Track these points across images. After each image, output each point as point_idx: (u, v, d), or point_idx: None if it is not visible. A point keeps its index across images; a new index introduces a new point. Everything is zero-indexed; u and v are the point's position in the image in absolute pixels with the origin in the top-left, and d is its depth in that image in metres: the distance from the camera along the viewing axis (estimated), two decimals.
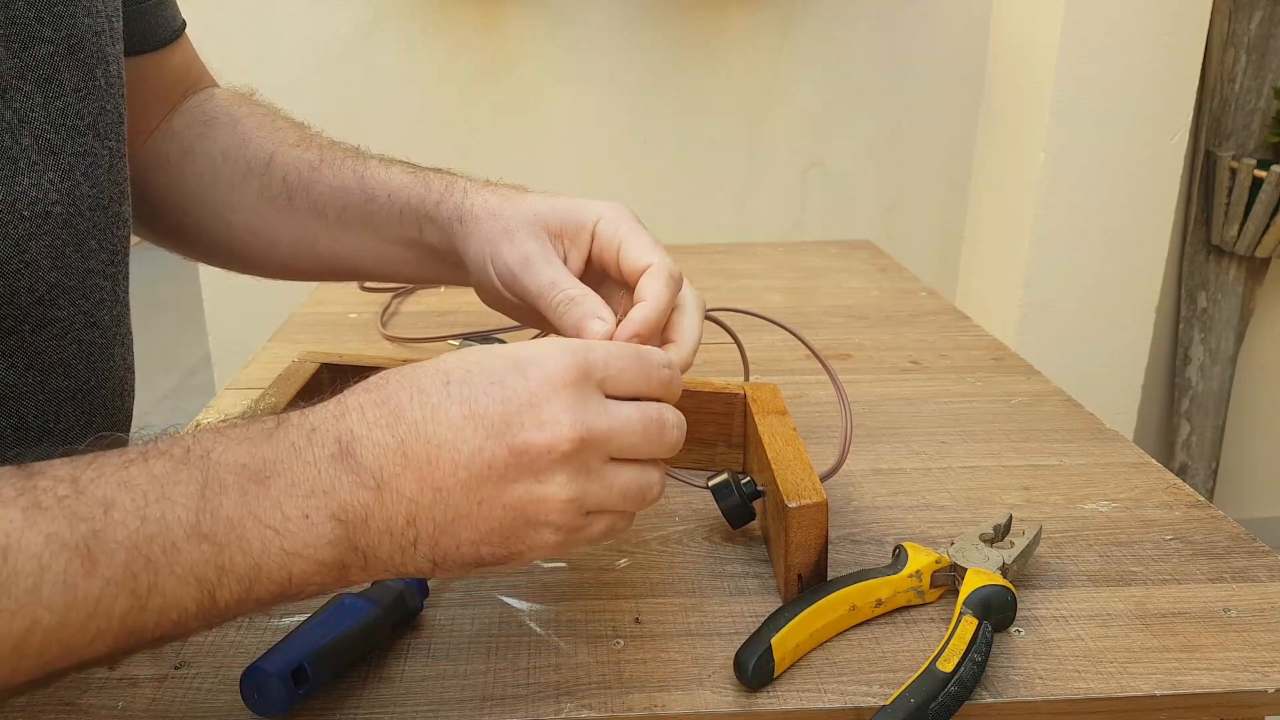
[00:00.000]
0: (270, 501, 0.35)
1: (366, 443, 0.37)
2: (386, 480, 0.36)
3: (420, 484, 0.36)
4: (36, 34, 0.44)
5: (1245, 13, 1.73)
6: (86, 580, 0.31)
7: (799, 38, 1.68)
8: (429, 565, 0.38)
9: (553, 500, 0.38)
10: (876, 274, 1.15)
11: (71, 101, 0.46)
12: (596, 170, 1.72)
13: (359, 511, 0.36)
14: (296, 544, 0.35)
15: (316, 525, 0.35)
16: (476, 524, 0.37)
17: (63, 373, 0.46)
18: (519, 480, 0.37)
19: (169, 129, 0.64)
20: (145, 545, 0.32)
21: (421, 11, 1.61)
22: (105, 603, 0.31)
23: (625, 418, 0.40)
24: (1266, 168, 1.70)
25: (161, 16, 0.61)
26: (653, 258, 0.51)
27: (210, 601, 0.34)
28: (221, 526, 0.34)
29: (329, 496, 0.35)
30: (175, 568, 0.33)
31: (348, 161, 0.60)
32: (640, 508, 0.41)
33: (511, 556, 0.39)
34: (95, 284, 0.48)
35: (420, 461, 0.37)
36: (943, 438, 0.71)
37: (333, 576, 0.36)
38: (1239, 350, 1.94)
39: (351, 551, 0.36)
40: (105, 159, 0.48)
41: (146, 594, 0.32)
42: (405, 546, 0.37)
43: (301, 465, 0.36)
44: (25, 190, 0.43)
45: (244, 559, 0.34)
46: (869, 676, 0.45)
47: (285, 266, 0.63)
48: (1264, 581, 0.53)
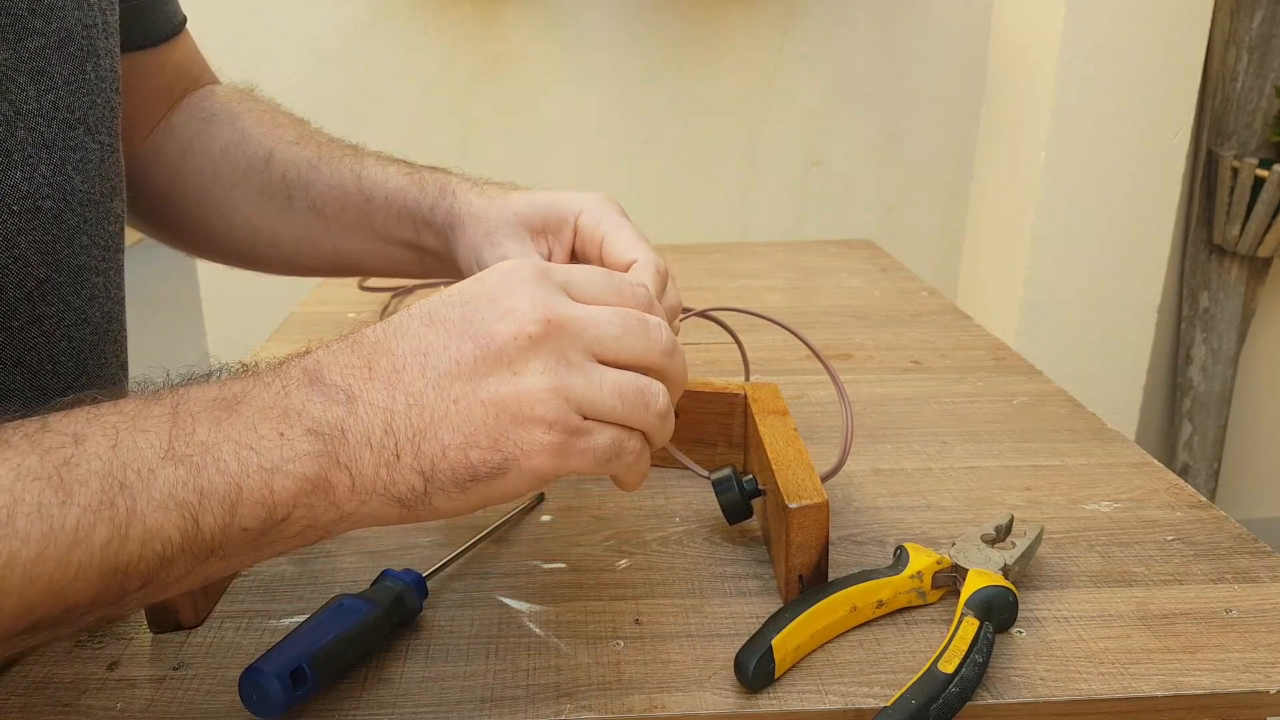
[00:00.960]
0: (243, 424, 0.34)
1: (332, 366, 0.36)
2: (356, 392, 0.35)
3: (390, 390, 0.36)
4: (29, 26, 0.44)
5: (1247, 12, 1.73)
6: (62, 509, 0.30)
7: (799, 37, 1.68)
8: (420, 480, 0.36)
9: (533, 390, 0.36)
10: (877, 274, 1.15)
11: (63, 95, 0.46)
12: (596, 170, 1.72)
13: (334, 425, 0.35)
14: (273, 459, 0.34)
15: (292, 441, 0.34)
16: (457, 424, 0.36)
17: (52, 370, 0.46)
18: (492, 373, 0.36)
19: (169, 125, 0.64)
20: (120, 471, 0.31)
21: (420, 10, 1.60)
22: (84, 531, 0.30)
23: (597, 311, 0.38)
24: (1268, 167, 1.70)
25: (162, 12, 0.61)
26: (637, 253, 0.51)
27: (194, 528, 0.32)
28: (196, 450, 0.33)
29: (301, 415, 0.35)
30: (153, 492, 0.32)
31: (345, 160, 0.60)
32: (644, 416, 0.38)
33: (507, 462, 0.36)
34: (86, 280, 0.48)
35: (387, 371, 0.36)
36: (944, 438, 0.70)
37: (320, 498, 0.35)
38: (1241, 350, 1.93)
39: (334, 466, 0.35)
40: (96, 153, 0.48)
41: (126, 521, 0.31)
42: (389, 460, 0.35)
43: (271, 394, 0.35)
44: (17, 184, 0.43)
45: (223, 479, 0.33)
46: (870, 677, 0.45)
47: (288, 263, 0.63)
48: (1266, 582, 0.53)
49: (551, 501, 0.62)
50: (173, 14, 0.63)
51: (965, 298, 1.80)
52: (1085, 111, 1.52)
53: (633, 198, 1.74)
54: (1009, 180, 1.65)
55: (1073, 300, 1.62)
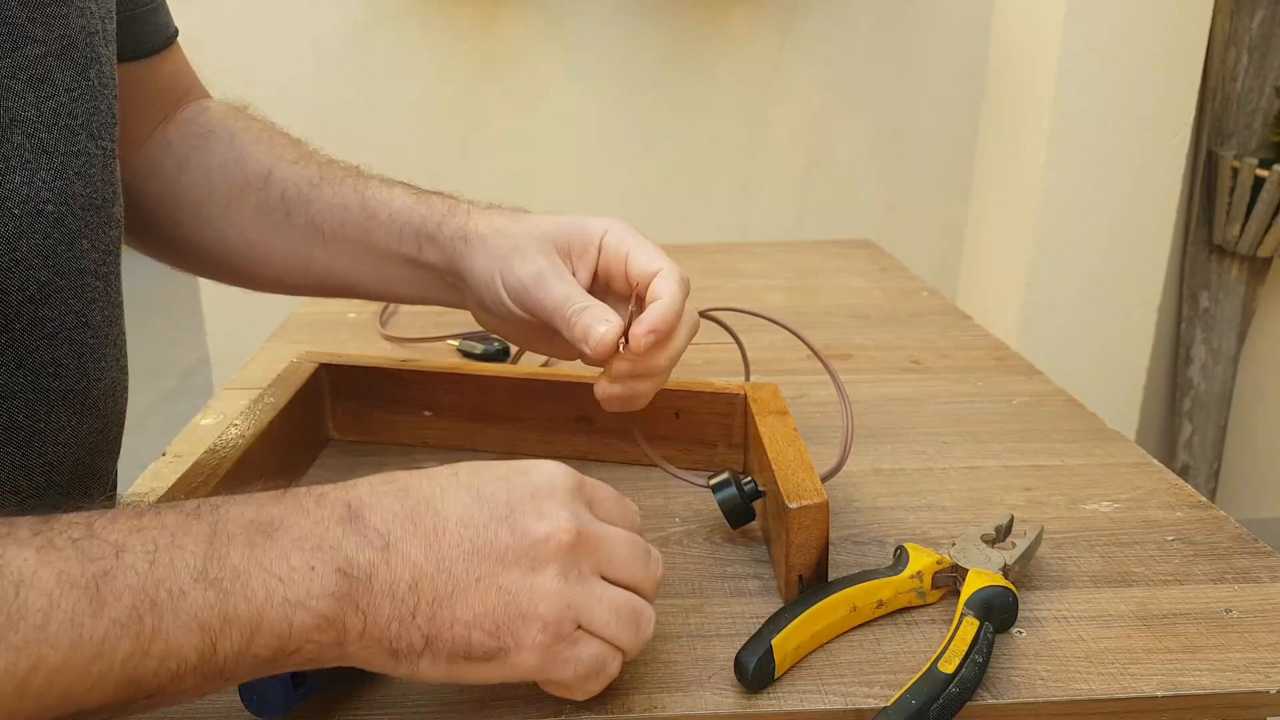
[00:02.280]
0: (277, 552, 0.35)
1: (375, 508, 0.38)
2: (394, 542, 0.37)
3: (426, 550, 0.37)
4: (28, 34, 0.44)
5: (1247, 12, 1.73)
6: (94, 620, 0.31)
7: (799, 36, 1.68)
8: (421, 640, 0.37)
9: (543, 591, 0.38)
10: (877, 274, 1.15)
11: (64, 101, 0.46)
12: (596, 169, 1.72)
13: (365, 569, 0.36)
14: (299, 593, 0.35)
15: (321, 577, 0.35)
16: (472, 603, 0.38)
17: (53, 373, 0.46)
18: (516, 564, 0.38)
19: (164, 140, 0.64)
20: (153, 589, 0.32)
21: (420, 10, 1.61)
22: (109, 644, 0.31)
23: (615, 532, 0.42)
24: (1268, 167, 1.70)
25: (155, 23, 0.61)
26: (662, 264, 0.53)
27: (210, 651, 0.33)
28: (228, 574, 0.34)
29: (335, 552, 0.36)
30: (180, 613, 0.33)
31: (348, 180, 0.60)
32: (632, 638, 0.41)
33: (498, 650, 0.38)
34: (87, 284, 0.48)
35: (428, 529, 0.38)
36: (944, 438, 0.70)
37: (330, 637, 0.36)
38: (1241, 350, 1.93)
39: (353, 610, 0.36)
40: (99, 158, 0.48)
41: (150, 638, 0.32)
42: (404, 615, 0.37)
43: (309, 523, 0.37)
44: (17, 188, 0.43)
45: (247, 607, 0.34)
46: (870, 677, 0.45)
47: (279, 281, 0.64)
48: (1266, 582, 0.53)
49: None
50: (164, 26, 0.63)
51: (966, 298, 1.80)
52: (1085, 111, 1.52)
53: (633, 198, 1.74)
54: (1009, 180, 1.65)
55: (1073, 300, 1.62)
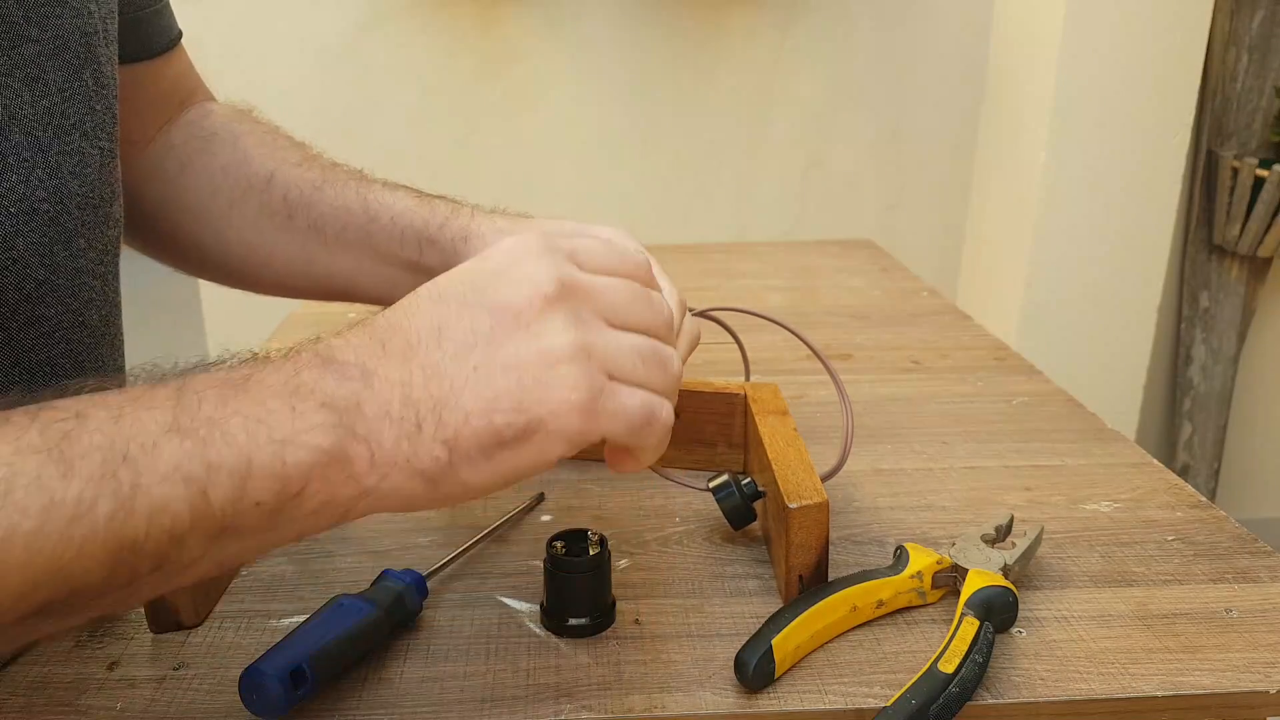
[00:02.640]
0: (250, 399, 0.33)
1: (344, 348, 0.35)
2: (370, 370, 0.35)
3: (405, 365, 0.35)
4: (24, 33, 0.44)
5: (1247, 12, 1.73)
6: (63, 481, 0.29)
7: (799, 36, 1.68)
8: (444, 450, 0.34)
9: (556, 348, 0.35)
10: (877, 273, 1.15)
11: (57, 101, 0.46)
12: (596, 169, 1.72)
13: (349, 399, 0.34)
14: (284, 431, 0.32)
15: (304, 414, 0.33)
16: (479, 391, 0.35)
17: (49, 371, 0.46)
18: (510, 338, 0.35)
19: (167, 142, 0.64)
20: (122, 444, 0.30)
21: (420, 10, 1.60)
22: (86, 504, 0.29)
23: (606, 280, 0.38)
24: (1268, 167, 1.70)
25: (158, 25, 0.61)
26: (662, 282, 0.52)
27: (203, 502, 0.31)
28: (202, 424, 0.32)
29: (314, 392, 0.34)
30: (158, 465, 0.31)
31: (351, 183, 0.60)
32: (664, 379, 0.38)
33: (533, 424, 0.35)
34: (84, 283, 0.48)
35: (401, 348, 0.35)
36: (944, 438, 0.70)
37: (338, 471, 0.33)
38: (1241, 350, 1.93)
39: (351, 438, 0.33)
40: (95, 159, 0.48)
41: (130, 495, 0.30)
42: (410, 431, 0.34)
43: (281, 375, 0.34)
44: (13, 186, 0.43)
45: (231, 451, 0.32)
46: (870, 677, 0.45)
47: (279, 283, 0.64)
48: (1266, 582, 0.53)
49: (551, 501, 0.62)
50: (168, 28, 0.63)
51: (965, 298, 1.80)
52: (1085, 111, 1.52)
53: (633, 198, 1.74)
54: (1009, 180, 1.65)
55: (1073, 300, 1.62)
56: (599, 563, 0.48)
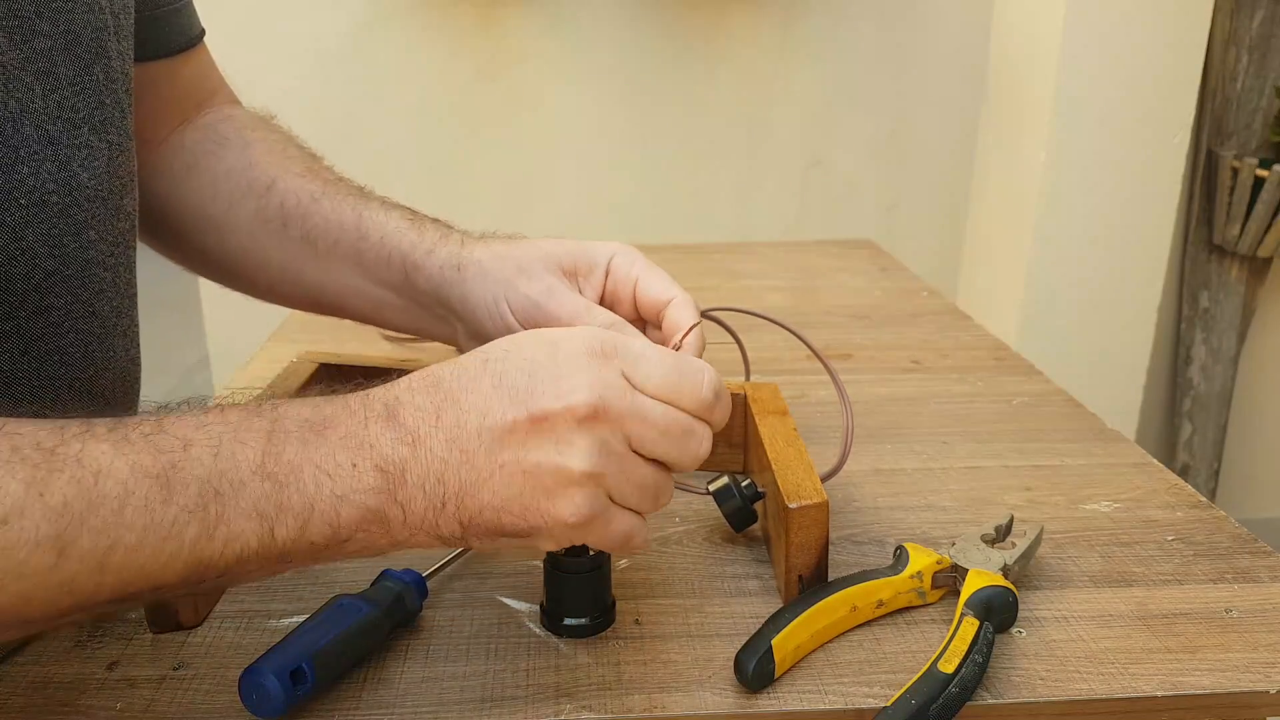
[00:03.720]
0: (326, 449, 0.38)
1: (409, 406, 0.40)
2: (421, 438, 0.39)
3: (449, 444, 0.39)
4: (35, 28, 0.44)
5: (1247, 12, 1.73)
6: (164, 506, 0.35)
7: (799, 36, 1.68)
8: (458, 527, 0.40)
9: (571, 471, 0.39)
10: (877, 273, 1.15)
11: (67, 95, 0.46)
12: (596, 170, 1.72)
13: (398, 465, 0.39)
14: (344, 488, 0.38)
15: (362, 474, 0.38)
16: (497, 488, 0.39)
17: (59, 360, 0.47)
18: (539, 446, 0.39)
19: (179, 142, 0.64)
20: (216, 480, 0.36)
21: (421, 11, 1.60)
22: (178, 528, 0.35)
23: (647, 409, 0.41)
24: (1268, 167, 1.70)
25: (176, 24, 0.62)
26: (675, 292, 0.53)
27: (269, 538, 0.37)
28: (283, 468, 0.37)
29: (373, 450, 0.39)
30: (241, 501, 0.36)
31: (349, 199, 0.60)
32: (653, 509, 0.42)
33: (531, 530, 0.40)
34: (94, 274, 0.48)
35: (450, 424, 0.39)
36: (944, 438, 0.70)
37: (377, 528, 0.39)
38: (1241, 350, 1.93)
39: (392, 503, 0.39)
40: (104, 152, 0.48)
41: (214, 523, 0.36)
42: (436, 506, 0.39)
43: (354, 422, 0.39)
44: (23, 179, 0.43)
45: (300, 498, 0.37)
46: (870, 677, 0.45)
47: (273, 290, 0.64)
48: (1266, 582, 0.53)
49: None
50: (188, 27, 0.63)
51: (966, 298, 1.80)
52: (1085, 111, 1.52)
53: (633, 198, 1.74)
54: (1009, 180, 1.65)
55: (1073, 300, 1.62)
56: (599, 563, 0.48)
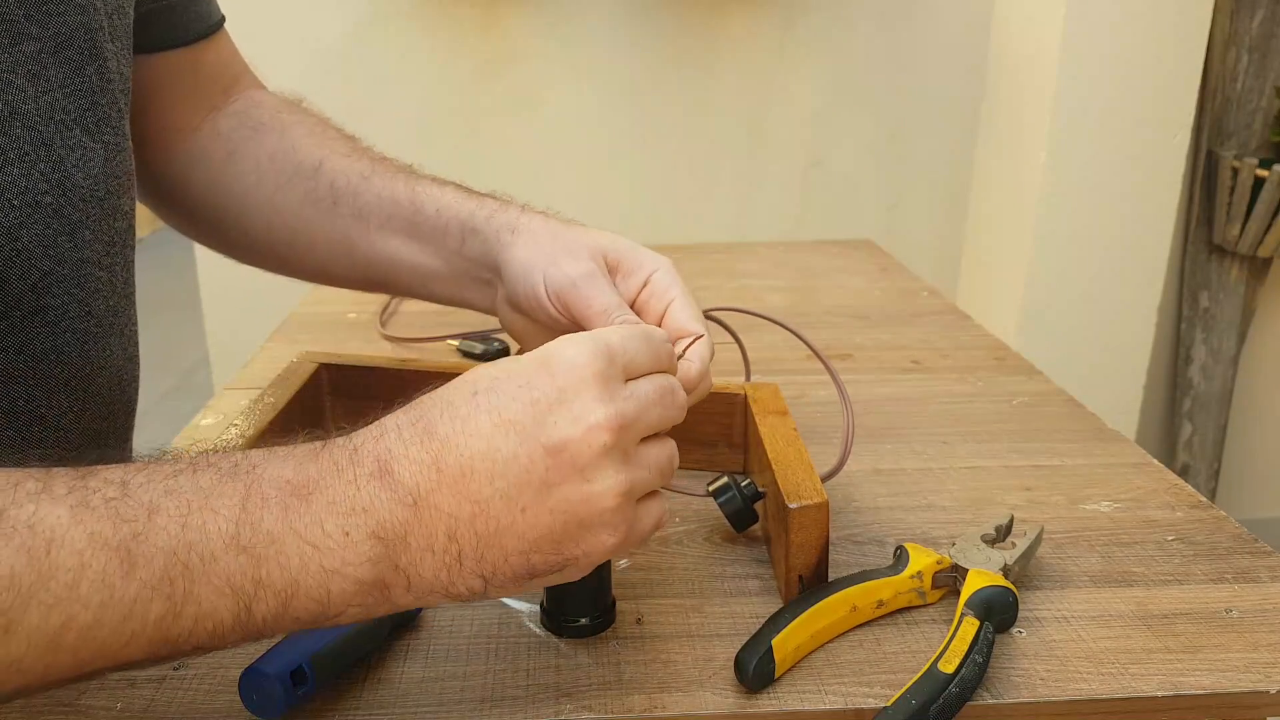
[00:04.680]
0: (311, 517, 0.35)
1: (403, 460, 0.36)
2: (423, 496, 0.36)
3: (457, 498, 0.36)
4: (24, 30, 0.44)
5: (1247, 12, 1.73)
6: (124, 581, 0.31)
7: (799, 36, 1.68)
8: (479, 582, 0.36)
9: (605, 495, 0.37)
10: (877, 273, 1.15)
11: (59, 97, 0.46)
12: (596, 169, 1.72)
13: (397, 529, 0.35)
14: (335, 561, 0.34)
15: (356, 543, 0.35)
16: (523, 533, 0.36)
17: (55, 360, 0.47)
18: (564, 482, 0.36)
19: (215, 130, 0.64)
20: (184, 552, 0.33)
21: (421, 10, 1.60)
22: (140, 605, 0.32)
23: (645, 394, 0.39)
24: (1268, 167, 1.70)
25: (193, 12, 0.62)
26: (700, 329, 0.53)
27: (246, 614, 0.33)
28: (261, 540, 0.34)
29: (368, 514, 0.35)
30: (211, 577, 0.33)
31: (400, 175, 0.61)
32: (668, 479, 0.41)
33: (566, 563, 0.37)
34: (90, 273, 0.48)
35: (454, 475, 0.36)
36: (944, 438, 0.70)
37: (375, 598, 0.35)
38: (1241, 350, 1.93)
39: (393, 570, 0.35)
40: (99, 153, 0.48)
41: (182, 601, 0.32)
42: (450, 564, 0.36)
43: (343, 483, 0.35)
44: (15, 180, 0.43)
45: (281, 574, 0.34)
46: (870, 677, 0.45)
47: (321, 270, 0.64)
48: (1266, 582, 0.53)
49: None
50: (207, 14, 0.63)
51: (966, 298, 1.80)
52: (1085, 111, 1.52)
53: (633, 198, 1.74)
54: (1009, 180, 1.65)
55: (1073, 300, 1.62)
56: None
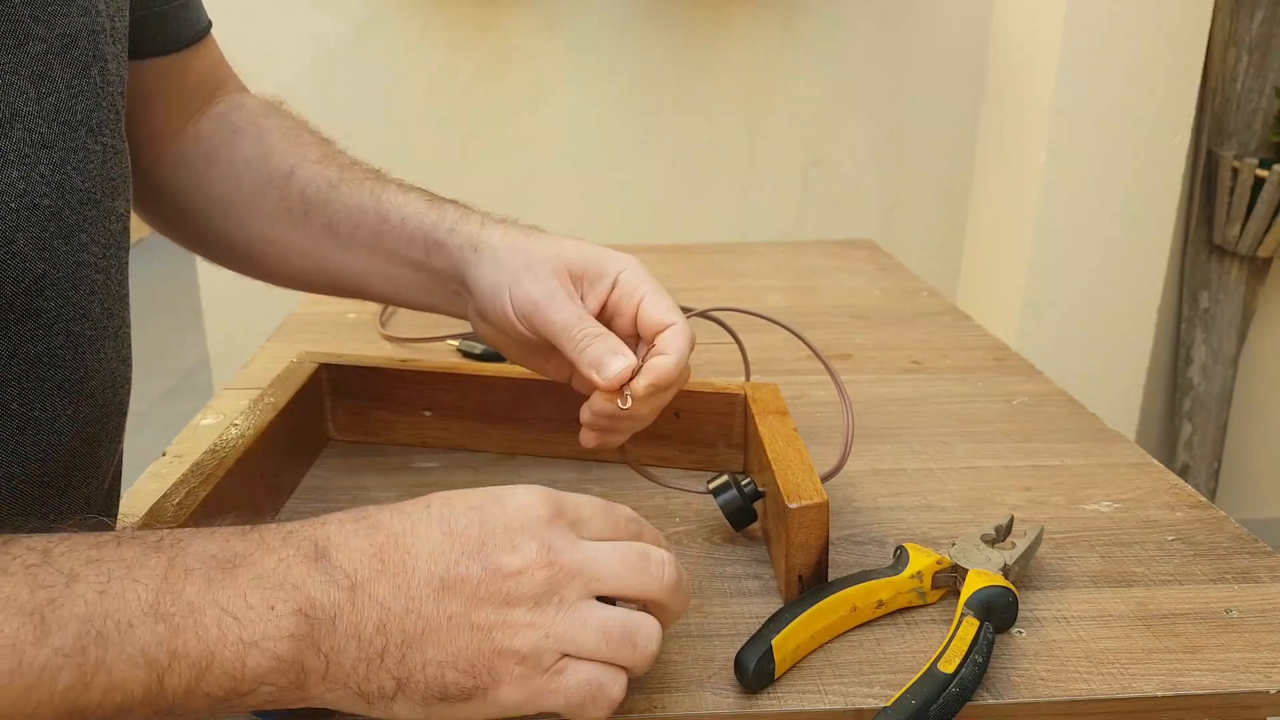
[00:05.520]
0: (235, 590, 0.34)
1: (343, 547, 0.37)
2: (360, 582, 0.36)
3: (394, 590, 0.36)
4: (31, 31, 0.44)
5: (1247, 12, 1.73)
6: (35, 647, 0.31)
7: (799, 37, 1.68)
8: (392, 684, 0.36)
9: (515, 623, 0.37)
10: (877, 274, 1.15)
11: (64, 98, 0.46)
12: (596, 169, 1.72)
13: (328, 609, 0.35)
14: (255, 633, 0.34)
15: (280, 617, 0.34)
16: (444, 642, 0.37)
17: (49, 363, 0.47)
18: (489, 601, 0.37)
19: (196, 134, 0.65)
20: (99, 620, 0.32)
21: (420, 11, 1.61)
22: (49, 674, 0.31)
23: (599, 549, 0.40)
24: (1268, 167, 1.70)
25: (184, 19, 0.62)
26: (676, 318, 0.53)
27: (158, 687, 0.33)
28: (180, 609, 0.33)
29: (297, 591, 0.35)
30: (126, 646, 0.32)
31: (366, 183, 0.61)
32: (630, 655, 0.39)
33: (476, 689, 0.37)
34: (86, 276, 0.48)
35: (396, 568, 0.37)
36: (944, 438, 0.70)
37: (289, 679, 0.35)
38: (1241, 350, 1.93)
39: (313, 652, 0.35)
40: (99, 154, 0.49)
41: (93, 671, 0.32)
42: (371, 657, 0.36)
43: (273, 561, 0.36)
44: (13, 182, 0.43)
45: (198, 644, 0.33)
46: (870, 678, 0.45)
47: (296, 278, 0.64)
48: (1266, 582, 0.53)
49: None
50: (196, 21, 0.64)
51: (965, 298, 1.80)
52: (1085, 111, 1.52)
53: (633, 198, 1.74)
54: (1009, 180, 1.65)
55: (1073, 300, 1.62)
56: None
